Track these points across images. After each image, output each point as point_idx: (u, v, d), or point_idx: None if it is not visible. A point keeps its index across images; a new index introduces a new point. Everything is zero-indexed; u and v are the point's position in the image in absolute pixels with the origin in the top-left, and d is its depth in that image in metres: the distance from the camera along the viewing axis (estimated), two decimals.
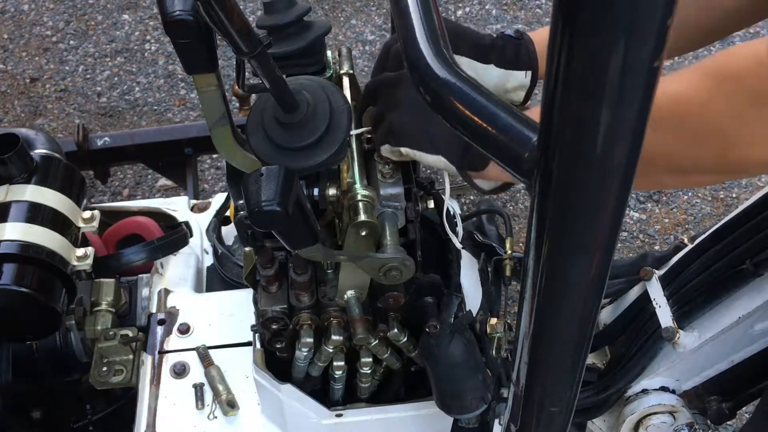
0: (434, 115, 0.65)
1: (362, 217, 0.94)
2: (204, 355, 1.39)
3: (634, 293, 1.25)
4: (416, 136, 0.90)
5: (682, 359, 1.17)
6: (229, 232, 1.66)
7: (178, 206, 1.70)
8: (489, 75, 0.97)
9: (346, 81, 1.10)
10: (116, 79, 2.86)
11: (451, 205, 1.47)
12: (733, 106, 0.71)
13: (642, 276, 1.21)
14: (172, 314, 1.46)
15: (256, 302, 1.12)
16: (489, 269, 1.28)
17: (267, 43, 0.79)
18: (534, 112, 0.74)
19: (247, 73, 0.87)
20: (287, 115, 0.89)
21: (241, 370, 1.37)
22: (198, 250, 1.62)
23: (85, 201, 1.38)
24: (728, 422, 1.30)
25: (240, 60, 0.83)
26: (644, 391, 1.23)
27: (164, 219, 1.67)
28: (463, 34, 0.97)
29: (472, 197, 2.48)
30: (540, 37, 0.99)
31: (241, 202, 0.95)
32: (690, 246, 1.18)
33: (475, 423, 1.21)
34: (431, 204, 1.08)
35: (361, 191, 0.96)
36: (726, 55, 0.72)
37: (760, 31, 2.95)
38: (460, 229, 1.12)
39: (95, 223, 1.34)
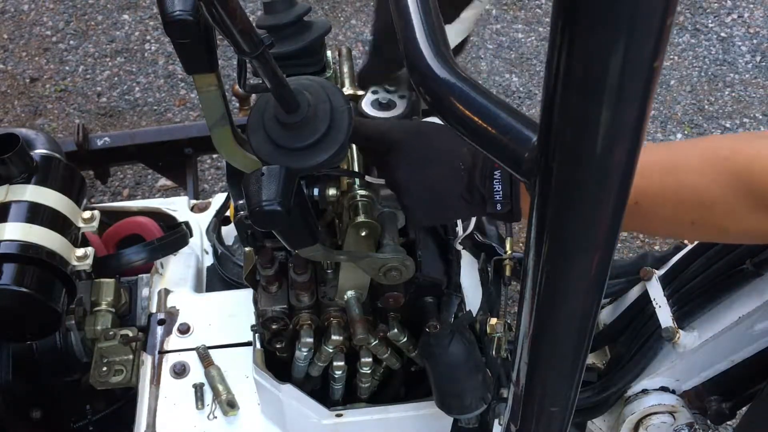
0: None
1: (362, 217, 0.94)
2: (204, 355, 1.39)
3: (634, 293, 1.25)
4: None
5: (682, 359, 1.17)
6: (229, 232, 1.66)
7: (178, 206, 1.70)
8: None
9: (346, 81, 1.10)
10: (116, 79, 2.86)
11: None
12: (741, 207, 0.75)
13: (642, 276, 1.21)
14: (172, 314, 1.46)
15: (256, 302, 1.12)
16: (489, 269, 1.28)
17: (269, 43, 0.79)
18: None
19: (247, 73, 0.87)
20: (288, 115, 0.89)
21: (241, 370, 1.37)
22: (198, 250, 1.62)
23: (85, 201, 1.37)
24: (728, 422, 1.30)
25: (241, 60, 0.83)
26: (644, 391, 1.23)
27: (164, 219, 1.67)
28: None
29: None
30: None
31: (241, 202, 0.95)
32: (690, 246, 1.18)
33: (475, 423, 1.21)
34: None
35: (360, 191, 0.96)
36: (754, 158, 0.73)
37: (760, 31, 2.95)
38: (460, 229, 1.12)
39: (95, 223, 1.34)
